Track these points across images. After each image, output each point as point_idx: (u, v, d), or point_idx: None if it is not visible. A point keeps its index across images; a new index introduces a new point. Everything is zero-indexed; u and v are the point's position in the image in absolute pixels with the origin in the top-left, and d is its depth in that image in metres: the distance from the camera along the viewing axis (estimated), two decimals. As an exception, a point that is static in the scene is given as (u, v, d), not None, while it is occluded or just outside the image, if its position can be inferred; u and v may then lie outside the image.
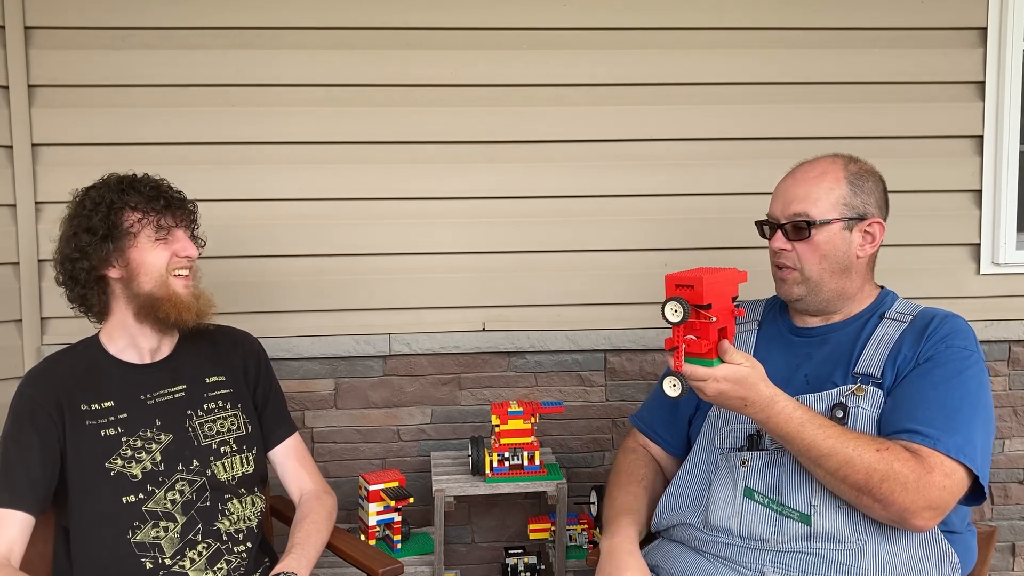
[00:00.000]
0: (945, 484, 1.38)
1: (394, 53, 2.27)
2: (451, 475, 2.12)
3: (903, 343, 1.54)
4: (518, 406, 2.08)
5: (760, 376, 1.45)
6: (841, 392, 1.54)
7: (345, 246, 2.31)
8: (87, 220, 1.60)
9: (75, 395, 1.60)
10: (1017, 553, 2.58)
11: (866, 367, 1.54)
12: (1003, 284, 2.48)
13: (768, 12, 2.35)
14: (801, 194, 1.61)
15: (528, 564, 2.20)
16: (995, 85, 2.41)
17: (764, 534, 1.52)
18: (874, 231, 1.62)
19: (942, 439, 1.40)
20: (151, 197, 1.64)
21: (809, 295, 1.64)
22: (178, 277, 1.65)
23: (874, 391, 1.51)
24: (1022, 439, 2.54)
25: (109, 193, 1.61)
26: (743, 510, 1.56)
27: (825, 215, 1.59)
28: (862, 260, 1.63)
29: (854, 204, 1.60)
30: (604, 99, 2.33)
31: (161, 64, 2.21)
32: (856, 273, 1.63)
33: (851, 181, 1.61)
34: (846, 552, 1.46)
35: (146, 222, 1.62)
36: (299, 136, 2.26)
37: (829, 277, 1.61)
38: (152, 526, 1.58)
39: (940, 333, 1.52)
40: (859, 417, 1.50)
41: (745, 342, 1.71)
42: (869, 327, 1.60)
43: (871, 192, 1.63)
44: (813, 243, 1.60)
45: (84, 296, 1.63)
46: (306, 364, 2.33)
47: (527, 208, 2.34)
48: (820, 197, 1.60)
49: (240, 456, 1.72)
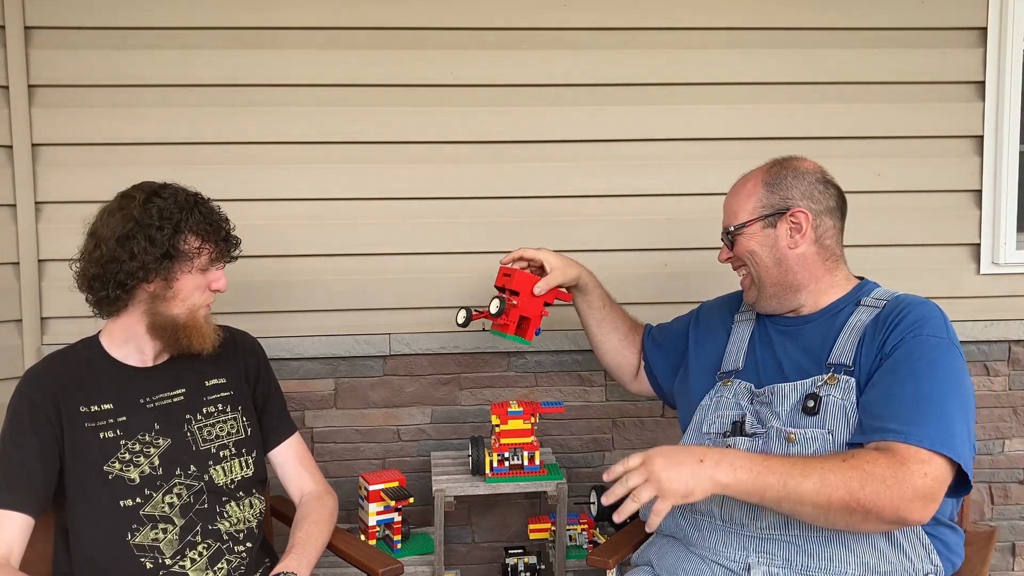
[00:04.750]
0: (925, 471, 1.37)
1: (394, 53, 2.27)
2: (451, 475, 2.12)
3: (870, 328, 1.56)
4: (518, 406, 2.08)
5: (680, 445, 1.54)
6: (815, 382, 1.57)
7: (345, 246, 2.31)
8: (150, 230, 1.55)
9: (74, 396, 1.59)
10: (1017, 553, 2.58)
11: (838, 357, 1.57)
12: (1003, 284, 2.48)
13: (768, 12, 2.35)
14: (729, 208, 1.74)
15: (528, 564, 2.20)
16: (995, 85, 2.41)
17: (744, 519, 1.56)
18: (799, 220, 1.65)
19: (912, 431, 1.40)
20: (214, 228, 1.63)
21: (757, 297, 1.72)
22: (204, 307, 1.66)
23: (846, 380, 1.53)
24: (1022, 439, 2.54)
25: (178, 211, 1.58)
26: (726, 495, 1.58)
27: (742, 220, 1.70)
28: (797, 251, 1.66)
29: (770, 202, 1.67)
30: (604, 99, 2.33)
31: (161, 64, 2.21)
32: (799, 265, 1.66)
33: (767, 182, 1.69)
34: (823, 539, 1.49)
35: (203, 250, 1.62)
36: (299, 136, 2.26)
37: (766, 274, 1.68)
38: (151, 528, 1.58)
39: (907, 320, 1.53)
40: (831, 406, 1.53)
41: (743, 332, 1.77)
42: (844, 316, 1.63)
43: (791, 186, 1.67)
44: (741, 248, 1.70)
45: (115, 298, 1.58)
46: (306, 364, 2.33)
47: (527, 208, 2.34)
48: (741, 206, 1.71)
49: (239, 460, 1.71)
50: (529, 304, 1.87)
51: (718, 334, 1.82)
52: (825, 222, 1.66)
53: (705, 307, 1.96)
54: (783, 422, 1.56)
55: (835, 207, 1.68)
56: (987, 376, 2.50)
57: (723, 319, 1.85)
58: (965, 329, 2.45)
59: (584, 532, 2.21)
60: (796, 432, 1.53)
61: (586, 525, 2.22)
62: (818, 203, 1.66)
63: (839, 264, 1.69)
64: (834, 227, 1.68)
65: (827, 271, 1.67)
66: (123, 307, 1.61)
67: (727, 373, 1.73)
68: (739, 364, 1.72)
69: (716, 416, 1.68)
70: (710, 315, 1.90)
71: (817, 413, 1.53)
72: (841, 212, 1.70)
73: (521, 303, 1.87)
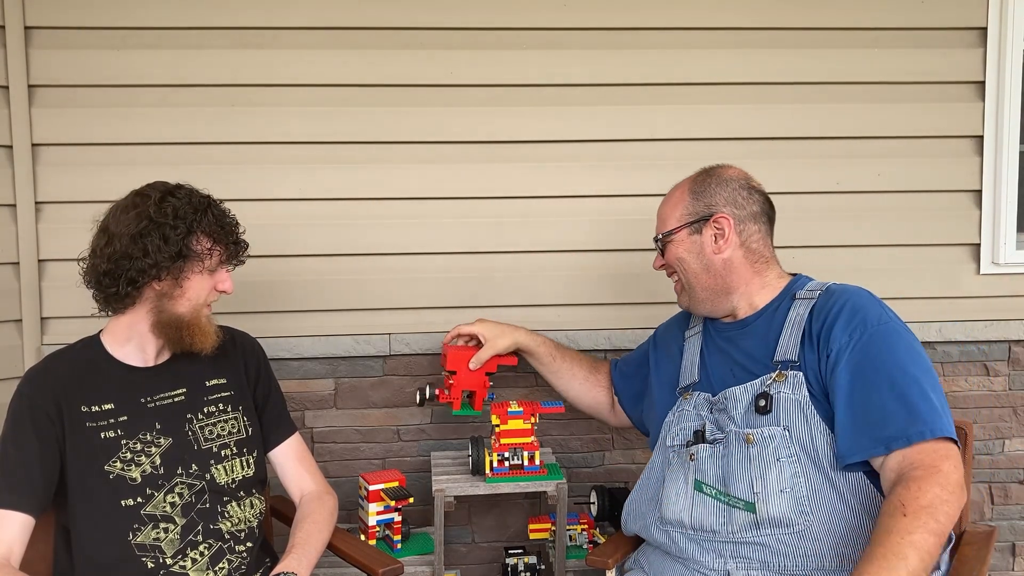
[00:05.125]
0: (951, 461, 1.40)
1: (394, 53, 2.27)
2: (451, 475, 2.12)
3: (808, 321, 1.59)
4: (518, 406, 2.07)
5: None
6: (764, 381, 1.59)
7: (345, 246, 2.31)
8: (164, 229, 1.56)
9: (75, 396, 1.59)
10: (1017, 553, 2.58)
11: (784, 353, 1.60)
12: (1003, 284, 2.48)
13: (768, 12, 2.35)
14: (659, 216, 1.81)
15: (528, 564, 2.20)
16: (995, 85, 2.41)
17: (715, 525, 1.58)
18: (722, 226, 1.69)
19: (914, 430, 1.43)
20: (226, 231, 1.64)
21: (689, 301, 1.77)
22: (207, 307, 1.67)
23: (795, 375, 1.56)
24: (1022, 439, 2.54)
25: (192, 212, 1.59)
26: (694, 503, 1.62)
27: (669, 227, 1.75)
28: (723, 256, 1.70)
29: (695, 209, 1.73)
30: (604, 99, 2.33)
31: (161, 64, 2.21)
32: (726, 269, 1.70)
33: (692, 190, 1.75)
34: (796, 535, 1.50)
35: (214, 252, 1.63)
36: (298, 136, 2.26)
37: (695, 279, 1.73)
38: (152, 528, 1.58)
39: (845, 315, 1.54)
40: (782, 403, 1.55)
41: (694, 345, 1.80)
42: (782, 312, 1.65)
43: (715, 192, 1.72)
44: (670, 255, 1.76)
45: (124, 295, 1.58)
46: (306, 364, 2.33)
47: (527, 208, 2.34)
48: (669, 214, 1.77)
49: (240, 459, 1.72)
50: (468, 379, 2.06)
51: (673, 352, 1.87)
52: (749, 227, 1.70)
53: (661, 329, 2.01)
54: (739, 425, 1.59)
55: (760, 212, 1.72)
56: (987, 376, 2.50)
57: (675, 337, 1.89)
58: (965, 329, 2.45)
59: (584, 532, 2.21)
60: (753, 432, 1.56)
61: (586, 525, 2.22)
62: (741, 208, 1.70)
63: (769, 265, 1.73)
64: (759, 231, 1.72)
65: (756, 273, 1.71)
66: (130, 304, 1.62)
67: (686, 387, 1.77)
68: (695, 376, 1.75)
69: (679, 429, 1.72)
70: (666, 336, 1.95)
71: (770, 411, 1.56)
72: (768, 216, 1.74)
73: (460, 380, 2.05)
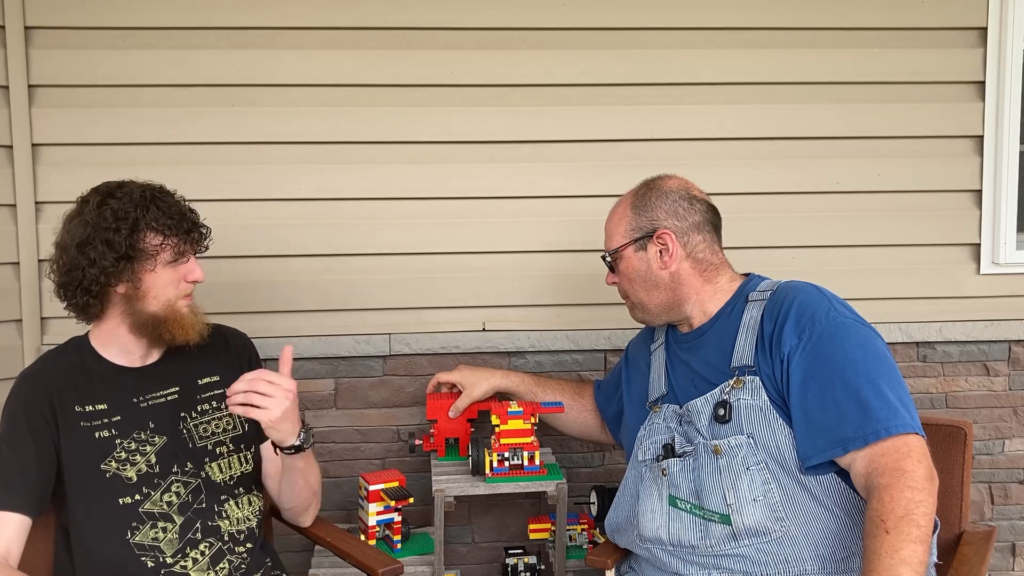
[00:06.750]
0: (909, 453, 1.38)
1: (394, 53, 2.27)
2: (451, 475, 2.12)
3: (763, 325, 1.57)
4: (518, 406, 2.07)
5: None
6: (723, 389, 1.58)
7: (345, 246, 2.31)
8: (107, 233, 1.53)
9: (68, 396, 1.59)
10: (1017, 553, 2.58)
11: (740, 359, 1.58)
12: (1003, 284, 2.47)
13: (768, 12, 2.35)
14: (606, 232, 1.79)
15: (528, 564, 2.20)
16: (995, 85, 2.41)
17: (693, 540, 1.56)
18: (665, 241, 1.68)
19: (868, 432, 1.41)
20: (175, 221, 1.59)
21: (643, 316, 1.77)
22: (183, 298, 1.63)
23: (751, 379, 1.55)
24: (1022, 439, 2.54)
25: (133, 210, 1.55)
26: (670, 519, 1.60)
27: (615, 245, 1.74)
28: (670, 270, 1.69)
29: (639, 225, 1.71)
30: (604, 99, 2.33)
31: (161, 64, 2.21)
32: (675, 282, 1.69)
33: (634, 205, 1.73)
34: (774, 542, 1.49)
35: (166, 245, 1.58)
36: (298, 136, 2.26)
37: (647, 296, 1.72)
38: (150, 527, 1.58)
39: (794, 315, 1.53)
40: (742, 408, 1.54)
41: (660, 358, 1.79)
42: (736, 316, 1.64)
43: (656, 207, 1.70)
44: (619, 272, 1.76)
45: (85, 304, 1.58)
46: (306, 364, 2.33)
47: (527, 208, 2.34)
48: (614, 230, 1.75)
49: (238, 455, 1.72)
50: (450, 427, 2.12)
51: (642, 368, 1.86)
52: (694, 237, 1.69)
53: (631, 345, 2.00)
54: (706, 436, 1.58)
55: (703, 221, 1.71)
56: (987, 376, 2.50)
57: (643, 352, 1.88)
58: (965, 329, 2.45)
59: (584, 532, 2.21)
60: (721, 443, 1.54)
61: (586, 525, 2.22)
62: (683, 220, 1.69)
63: (719, 271, 1.71)
64: (704, 240, 1.70)
65: (706, 281, 1.70)
66: (100, 311, 1.60)
67: (655, 401, 1.76)
68: (663, 389, 1.75)
69: (650, 443, 1.70)
70: (635, 351, 1.94)
71: (729, 420, 1.54)
72: (712, 224, 1.73)
73: (440, 428, 2.12)
